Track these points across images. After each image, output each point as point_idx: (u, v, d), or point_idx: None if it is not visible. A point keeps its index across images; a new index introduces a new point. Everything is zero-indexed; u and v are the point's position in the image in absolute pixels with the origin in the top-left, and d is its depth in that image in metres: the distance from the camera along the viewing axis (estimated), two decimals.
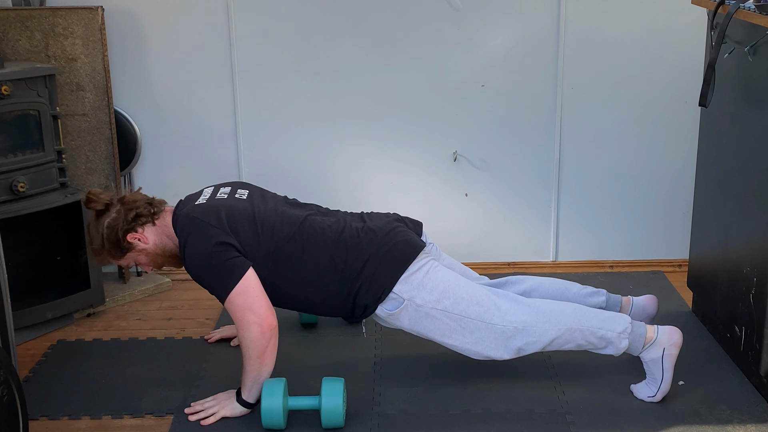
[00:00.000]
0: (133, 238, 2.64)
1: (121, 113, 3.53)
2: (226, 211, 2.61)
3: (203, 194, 2.72)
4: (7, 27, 3.30)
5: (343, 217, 2.75)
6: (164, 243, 2.67)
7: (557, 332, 2.60)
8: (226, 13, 3.46)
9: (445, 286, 2.63)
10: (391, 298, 2.62)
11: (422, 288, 2.61)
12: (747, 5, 2.58)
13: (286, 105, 3.56)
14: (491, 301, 2.63)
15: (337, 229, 2.66)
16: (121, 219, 2.63)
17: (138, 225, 2.64)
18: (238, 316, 2.54)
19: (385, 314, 2.64)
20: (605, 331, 2.61)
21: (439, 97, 3.55)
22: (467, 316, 2.61)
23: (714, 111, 2.92)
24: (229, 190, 2.74)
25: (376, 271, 2.61)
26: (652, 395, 2.64)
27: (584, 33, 3.48)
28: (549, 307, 2.65)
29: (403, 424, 2.59)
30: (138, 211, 2.64)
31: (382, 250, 2.63)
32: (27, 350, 3.10)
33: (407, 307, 2.62)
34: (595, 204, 3.67)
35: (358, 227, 2.69)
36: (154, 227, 2.67)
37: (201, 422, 2.60)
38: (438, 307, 2.61)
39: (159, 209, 2.69)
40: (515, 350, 2.62)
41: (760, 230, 2.63)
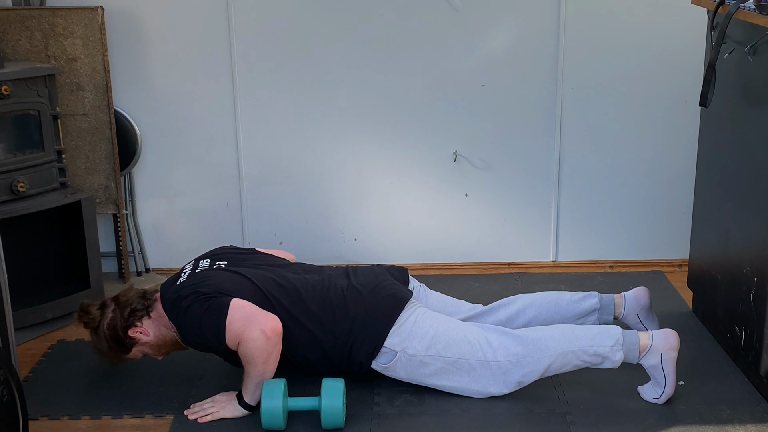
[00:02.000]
0: (134, 332, 2.70)
1: (121, 113, 3.52)
2: (207, 279, 2.65)
3: (183, 271, 2.75)
4: (7, 27, 3.30)
5: (327, 274, 2.79)
6: (163, 333, 2.71)
7: (550, 359, 2.62)
8: (226, 13, 3.46)
9: (435, 331, 2.65)
10: (384, 352, 2.66)
11: (413, 337, 2.64)
12: (747, 5, 2.58)
13: (286, 105, 3.56)
14: (482, 338, 2.65)
15: (323, 289, 2.71)
16: (118, 318, 2.68)
17: (135, 320, 2.69)
18: (240, 333, 2.53)
19: (380, 368, 2.68)
20: (597, 347, 2.61)
21: (439, 97, 3.55)
22: (461, 357, 2.64)
23: (714, 111, 2.92)
24: (208, 262, 2.78)
25: (365, 329, 2.65)
26: (657, 397, 2.64)
27: (584, 33, 3.48)
28: (538, 335, 2.66)
29: (403, 425, 2.59)
30: (132, 306, 2.70)
31: (368, 307, 2.67)
32: (27, 350, 3.10)
33: (401, 359, 2.65)
34: (595, 204, 3.67)
35: (343, 286, 2.73)
36: (151, 319, 2.71)
37: (198, 419, 2.61)
38: (430, 354, 2.64)
39: (152, 300, 2.73)
40: (515, 383, 2.65)
41: (760, 230, 2.63)
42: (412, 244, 3.70)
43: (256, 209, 3.67)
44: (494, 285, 3.53)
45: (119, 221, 3.56)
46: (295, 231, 3.68)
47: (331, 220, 3.69)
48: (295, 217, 3.67)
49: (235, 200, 3.66)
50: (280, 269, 2.80)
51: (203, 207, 3.67)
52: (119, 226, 3.56)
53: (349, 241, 3.70)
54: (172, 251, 3.71)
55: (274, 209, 3.67)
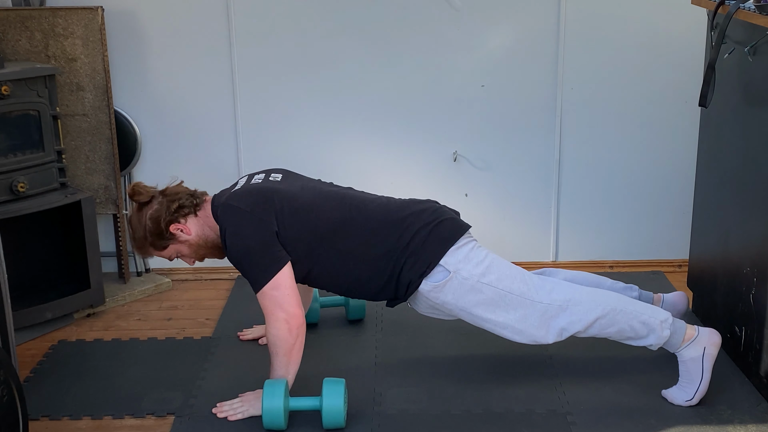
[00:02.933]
0: (176, 229, 2.66)
1: (121, 113, 3.52)
2: (263, 194, 2.61)
3: (238, 183, 2.73)
4: (7, 27, 3.30)
5: (386, 197, 2.76)
6: (206, 234, 2.69)
7: (602, 311, 2.59)
8: (226, 13, 3.46)
9: (491, 261, 2.64)
10: (437, 271, 2.60)
11: (468, 261, 2.61)
12: (747, 5, 2.58)
13: (286, 105, 3.56)
14: (535, 279, 2.65)
15: (381, 205, 2.67)
16: (164, 210, 2.65)
17: (181, 216, 2.66)
18: (268, 310, 2.56)
19: (429, 287, 2.61)
20: (648, 317, 2.60)
21: (439, 97, 3.55)
22: (512, 291, 2.60)
23: (714, 111, 2.92)
24: (263, 175, 2.74)
25: (422, 246, 2.60)
26: (690, 398, 2.61)
27: (584, 33, 3.48)
28: (593, 289, 2.66)
29: (404, 425, 2.59)
30: (180, 202, 2.67)
31: (428, 226, 2.63)
32: (27, 350, 3.10)
33: (453, 280, 2.60)
34: (595, 204, 3.67)
35: (402, 204, 2.70)
36: (196, 218, 2.69)
37: (228, 418, 2.60)
38: (483, 281, 2.60)
39: (200, 200, 2.71)
40: (558, 330, 2.61)
41: (760, 230, 2.63)
42: None
43: None
44: None
45: (119, 221, 3.56)
46: None
47: None
48: None
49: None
50: (336, 187, 2.76)
51: None
52: (119, 226, 3.56)
53: None
54: None
55: None
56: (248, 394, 2.67)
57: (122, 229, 3.57)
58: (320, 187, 2.72)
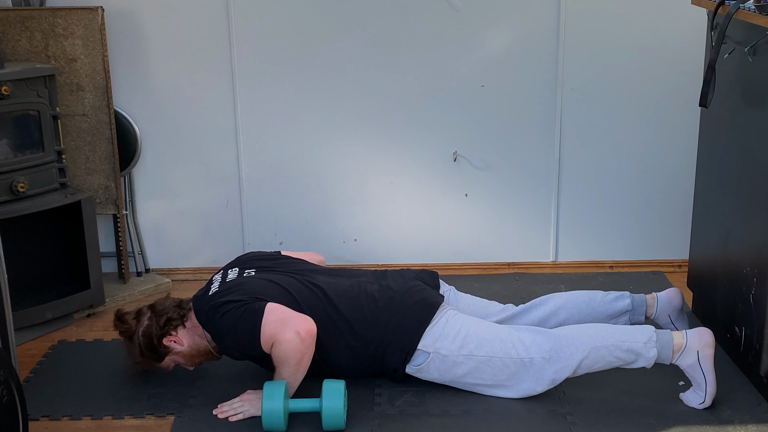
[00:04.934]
0: (168, 341, 2.72)
1: (121, 113, 3.52)
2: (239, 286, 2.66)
3: (213, 283, 2.76)
4: (7, 27, 3.30)
5: (358, 279, 2.79)
6: (197, 342, 2.73)
7: (583, 353, 2.61)
8: (226, 13, 3.46)
9: (467, 331, 2.66)
10: (417, 354, 2.66)
11: (444, 338, 2.65)
12: (747, 5, 2.58)
13: (286, 105, 3.56)
14: (515, 336, 2.65)
15: (353, 295, 2.71)
16: (154, 326, 2.70)
17: (171, 329, 2.71)
18: (275, 335, 2.53)
19: (413, 370, 2.69)
20: (630, 343, 2.60)
21: (439, 98, 3.55)
22: (494, 355, 2.63)
23: (714, 111, 2.92)
24: (237, 271, 2.79)
25: (397, 334, 2.66)
26: (702, 401, 2.61)
27: (584, 33, 3.48)
28: (571, 331, 2.66)
29: (404, 425, 2.59)
30: (168, 315, 2.72)
31: (399, 313, 2.68)
32: (27, 350, 3.09)
33: (434, 360, 2.65)
34: (595, 204, 3.67)
35: (374, 291, 2.73)
36: (185, 330, 2.73)
37: (229, 419, 2.61)
38: (463, 353, 2.64)
39: (187, 310, 2.75)
40: (549, 381, 2.64)
41: (760, 230, 2.63)
42: (412, 244, 3.70)
43: (256, 209, 3.67)
44: (494, 285, 3.53)
45: (119, 221, 3.56)
46: (295, 231, 3.68)
47: (331, 220, 3.69)
48: (295, 217, 3.67)
49: (235, 200, 3.66)
50: (309, 275, 2.79)
51: (203, 207, 3.67)
52: (119, 226, 3.56)
53: (349, 241, 3.70)
54: (172, 251, 3.71)
55: (274, 209, 3.67)
56: (249, 394, 2.67)
57: (122, 229, 3.56)
58: (295, 278, 2.74)
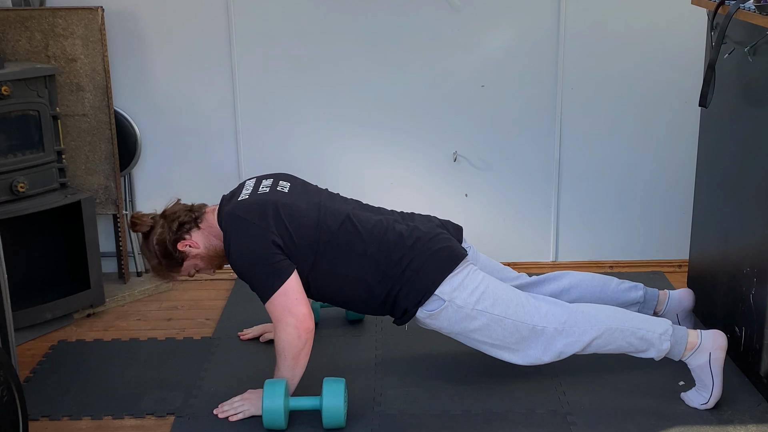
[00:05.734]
0: (183, 246, 2.70)
1: (121, 113, 3.52)
2: (269, 207, 2.62)
3: (245, 188, 2.74)
4: (7, 27, 3.30)
5: (386, 216, 2.76)
6: (214, 244, 2.71)
7: (597, 332, 2.59)
8: (226, 13, 3.46)
9: (485, 287, 2.64)
10: (432, 300, 2.63)
11: (462, 289, 2.62)
12: (747, 5, 2.58)
13: (286, 105, 3.56)
14: (531, 303, 2.64)
15: (381, 230, 2.68)
16: (167, 231, 2.69)
17: (184, 233, 2.70)
18: (277, 317, 2.57)
19: (424, 315, 2.65)
20: (645, 331, 2.59)
21: (439, 98, 3.55)
22: (507, 316, 2.61)
23: (714, 111, 2.92)
24: (270, 182, 2.75)
25: (417, 275, 2.63)
26: (705, 402, 2.61)
27: (584, 33, 3.48)
28: (589, 308, 2.65)
29: (404, 425, 2.59)
30: (180, 219, 2.70)
31: (425, 254, 2.65)
32: (27, 350, 3.09)
33: (447, 308, 2.63)
34: (595, 204, 3.67)
35: (402, 229, 2.70)
36: (200, 231, 2.71)
37: (230, 419, 2.61)
38: (478, 308, 2.62)
39: (200, 213, 2.74)
40: (556, 353, 2.63)
41: (760, 230, 2.63)
42: None
43: None
44: None
45: (119, 221, 3.56)
46: None
47: None
48: None
49: None
50: (340, 203, 2.77)
51: None
52: (119, 226, 3.56)
53: None
54: None
55: None
56: (249, 393, 2.67)
57: (122, 229, 3.56)
58: (326, 204, 2.72)
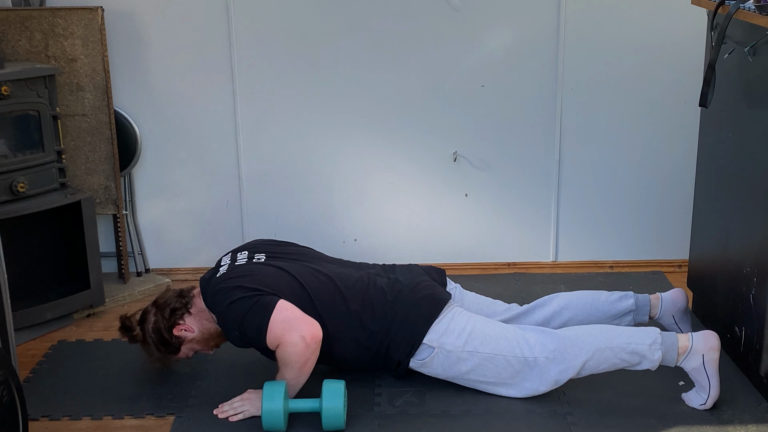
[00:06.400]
0: (179, 331, 2.72)
1: (121, 113, 3.52)
2: (248, 274, 2.65)
3: (221, 264, 2.76)
4: (7, 27, 3.30)
5: (367, 271, 2.80)
6: (206, 327, 2.74)
7: (587, 354, 2.60)
8: (226, 13, 3.46)
9: (471, 327, 2.66)
10: (421, 349, 2.66)
11: (449, 333, 2.65)
12: (747, 5, 2.58)
13: (286, 105, 3.56)
14: (519, 335, 2.65)
15: (363, 286, 2.71)
16: (161, 320, 2.71)
17: (177, 318, 2.72)
18: (281, 337, 2.54)
19: (417, 365, 2.69)
20: (635, 345, 2.60)
21: (439, 98, 3.55)
22: (498, 353, 2.63)
23: (714, 111, 2.92)
24: (246, 255, 2.78)
25: (403, 327, 2.66)
26: (703, 403, 2.61)
27: (584, 33, 3.48)
28: (576, 332, 2.66)
29: (404, 425, 2.59)
30: (171, 306, 2.73)
31: (407, 306, 2.68)
32: (27, 350, 3.10)
33: (438, 355, 2.65)
34: (595, 204, 3.67)
35: (383, 284, 2.73)
36: (192, 316, 2.74)
37: (229, 419, 2.61)
38: (468, 349, 2.64)
39: (189, 298, 2.76)
40: (552, 381, 2.63)
41: (760, 230, 2.63)
42: (412, 244, 3.70)
43: (256, 209, 3.67)
44: (494, 285, 3.53)
45: (119, 221, 3.56)
46: (295, 231, 3.67)
47: (331, 220, 3.69)
48: (295, 217, 3.67)
49: (235, 200, 3.66)
50: (319, 263, 2.79)
51: (203, 207, 3.67)
52: (119, 226, 3.56)
53: (349, 241, 3.70)
54: (172, 251, 3.71)
55: (274, 209, 3.67)
56: (250, 393, 2.67)
57: (122, 229, 3.56)
58: (305, 266, 2.75)
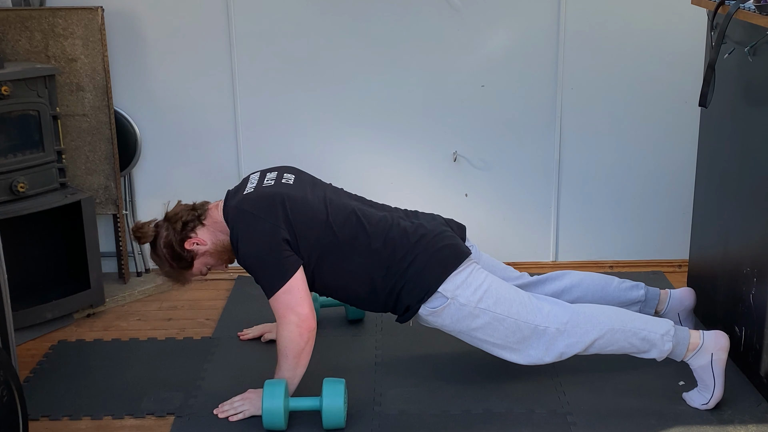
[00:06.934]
0: (191, 244, 2.70)
1: (121, 113, 3.52)
2: (276, 200, 2.61)
3: (249, 182, 2.73)
4: (7, 27, 3.30)
5: (390, 213, 2.76)
6: (221, 239, 2.71)
7: (599, 332, 2.59)
8: (226, 13, 3.46)
9: (488, 286, 2.64)
10: (435, 297, 2.62)
11: (465, 287, 2.62)
12: (747, 5, 2.58)
13: (286, 105, 3.56)
14: (533, 303, 2.64)
15: (386, 225, 2.68)
16: (172, 233, 2.69)
17: (189, 231, 2.69)
18: (280, 313, 2.57)
19: (427, 312, 2.64)
20: (648, 332, 2.59)
21: (439, 98, 3.55)
22: (509, 315, 2.61)
23: (714, 111, 2.92)
24: (275, 175, 2.74)
25: (421, 272, 2.62)
26: (705, 402, 2.61)
27: (584, 33, 3.48)
28: (591, 309, 2.65)
29: (404, 425, 2.59)
30: (183, 219, 2.70)
31: (428, 251, 2.64)
32: (27, 350, 3.10)
33: (450, 306, 2.62)
34: (595, 204, 3.67)
35: (406, 226, 2.70)
36: (205, 228, 2.71)
37: (230, 419, 2.61)
38: (481, 306, 2.61)
39: (203, 210, 2.73)
40: (558, 353, 2.62)
41: (760, 230, 2.63)
42: None
43: None
44: None
45: (119, 221, 3.56)
46: None
47: None
48: None
49: None
50: (345, 197, 2.78)
51: None
52: (119, 226, 3.56)
53: None
54: None
55: None
56: (250, 393, 2.67)
57: (122, 229, 3.56)
58: (330, 198, 2.73)
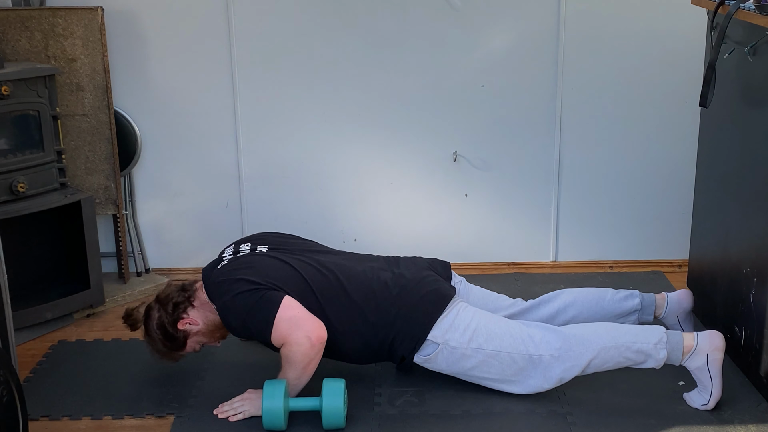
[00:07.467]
0: (183, 325, 2.71)
1: (121, 113, 3.52)
2: (251, 265, 2.65)
3: (224, 255, 2.76)
4: (7, 27, 3.30)
5: (370, 264, 2.78)
6: (211, 318, 2.72)
7: (593, 353, 2.60)
8: (226, 13, 3.46)
9: (476, 324, 2.65)
10: (426, 345, 2.65)
11: (454, 330, 2.64)
12: (747, 5, 2.58)
13: (286, 105, 3.56)
14: (524, 333, 2.65)
15: (366, 280, 2.70)
16: (164, 315, 2.70)
17: (181, 312, 2.70)
18: (287, 336, 2.54)
19: (421, 360, 2.69)
20: (640, 344, 2.60)
21: (439, 97, 3.55)
22: (502, 350, 2.63)
23: (714, 111, 2.92)
24: (248, 246, 2.78)
25: (408, 323, 2.65)
26: (705, 403, 2.61)
27: (584, 33, 3.48)
28: (581, 330, 2.66)
29: (404, 425, 2.59)
30: (174, 300, 2.71)
31: (412, 301, 2.67)
32: (27, 350, 3.09)
33: (442, 351, 2.65)
34: (595, 204, 3.67)
35: (387, 278, 2.72)
36: (195, 308, 2.72)
37: (229, 419, 2.61)
38: (472, 346, 2.63)
39: (192, 291, 2.74)
40: (556, 379, 2.63)
41: (760, 230, 2.63)
42: (412, 244, 3.69)
43: (256, 209, 3.67)
44: (494, 285, 3.50)
45: (119, 221, 3.56)
46: (295, 231, 3.64)
47: (331, 220, 3.69)
48: (295, 217, 3.67)
49: (235, 200, 3.66)
50: (322, 256, 2.79)
51: (203, 207, 3.67)
52: (119, 226, 3.56)
53: (349, 241, 3.70)
54: (172, 251, 3.71)
55: (274, 209, 3.67)
56: (250, 393, 2.67)
57: (122, 229, 3.56)
58: (308, 258, 2.74)
